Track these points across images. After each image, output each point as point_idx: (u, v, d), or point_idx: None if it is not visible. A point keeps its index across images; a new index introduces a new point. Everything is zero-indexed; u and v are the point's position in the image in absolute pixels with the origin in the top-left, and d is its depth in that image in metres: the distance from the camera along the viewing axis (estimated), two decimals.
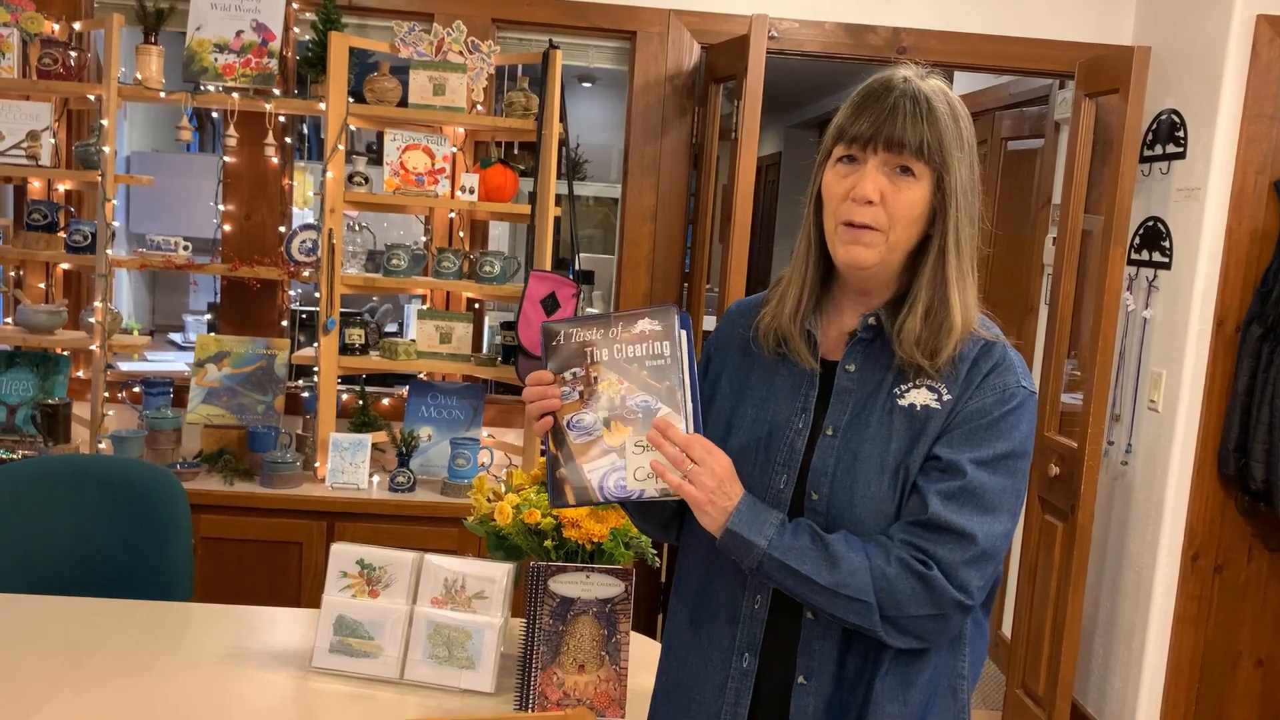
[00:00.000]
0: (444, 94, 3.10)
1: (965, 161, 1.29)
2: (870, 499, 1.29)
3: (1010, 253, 4.35)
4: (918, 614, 1.25)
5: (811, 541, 1.27)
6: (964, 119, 1.31)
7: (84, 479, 2.27)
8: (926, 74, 1.32)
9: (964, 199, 1.29)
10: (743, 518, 1.27)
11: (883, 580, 1.24)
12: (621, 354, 1.33)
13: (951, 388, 1.30)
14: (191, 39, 3.09)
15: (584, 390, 1.32)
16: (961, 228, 1.29)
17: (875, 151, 1.27)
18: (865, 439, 1.31)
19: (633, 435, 1.30)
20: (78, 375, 3.35)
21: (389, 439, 3.22)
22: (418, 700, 1.77)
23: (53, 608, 2.02)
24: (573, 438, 1.31)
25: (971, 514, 1.25)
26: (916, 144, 1.26)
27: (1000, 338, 1.34)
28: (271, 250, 3.36)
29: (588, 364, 1.32)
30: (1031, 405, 1.31)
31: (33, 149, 3.07)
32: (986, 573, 1.27)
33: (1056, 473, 3.26)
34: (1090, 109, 3.24)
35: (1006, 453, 1.28)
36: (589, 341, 1.33)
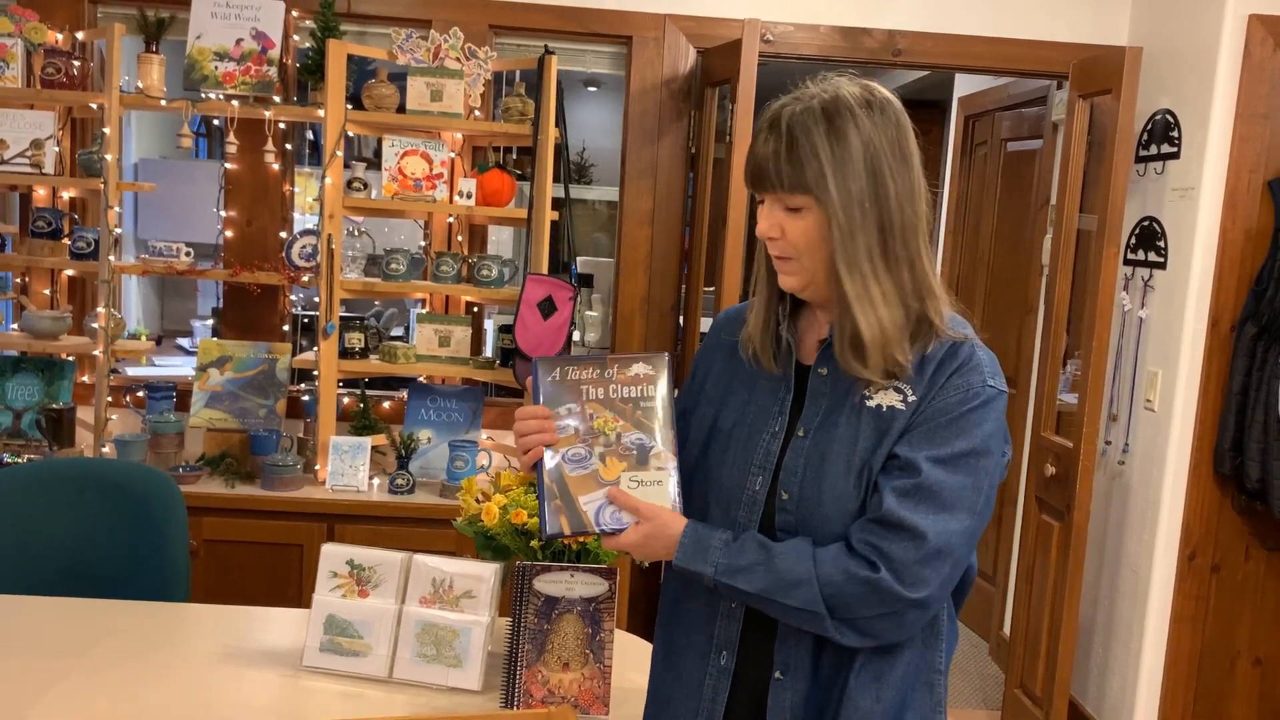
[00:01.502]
0: (441, 100, 3.13)
1: (854, 174, 1.27)
2: (837, 498, 1.32)
3: (1010, 253, 4.36)
4: (870, 614, 1.28)
5: (757, 556, 1.31)
6: (854, 129, 1.27)
7: (82, 482, 2.31)
8: (823, 88, 1.30)
9: (851, 215, 1.27)
10: (686, 551, 1.33)
11: (830, 587, 1.27)
12: (616, 394, 1.41)
13: (916, 388, 1.31)
14: (192, 47, 3.13)
15: (579, 426, 1.38)
16: (851, 246, 1.28)
17: (762, 192, 1.32)
18: (833, 439, 1.33)
19: (627, 471, 1.37)
20: (82, 380, 3.40)
21: (389, 442, 3.26)
22: (406, 698, 1.79)
23: (50, 608, 2.05)
24: (569, 470, 1.37)
25: (926, 512, 1.26)
26: (779, 182, 1.29)
27: (970, 338, 1.35)
28: (273, 255, 3.40)
29: (583, 400, 1.39)
30: (998, 404, 1.32)
31: (37, 157, 3.12)
32: (942, 571, 1.28)
33: (1053, 472, 3.27)
34: (1084, 110, 3.25)
35: (966, 451, 1.28)
36: (584, 380, 1.40)
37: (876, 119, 1.28)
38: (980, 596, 4.51)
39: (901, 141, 1.29)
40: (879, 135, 1.27)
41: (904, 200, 1.29)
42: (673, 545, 1.34)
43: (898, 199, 1.28)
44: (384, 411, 3.48)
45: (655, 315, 3.55)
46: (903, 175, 1.29)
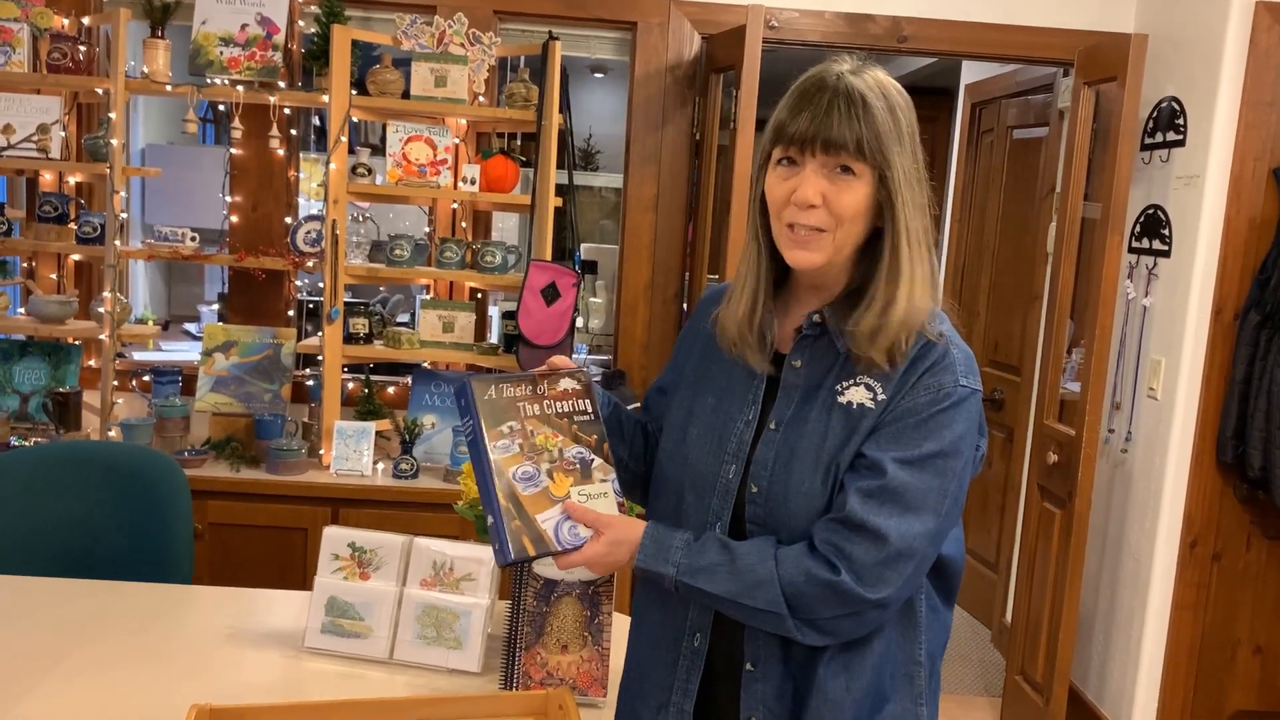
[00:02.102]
0: (445, 85, 3.14)
1: (906, 154, 1.27)
2: (804, 494, 1.31)
3: (1015, 241, 4.35)
4: (830, 615, 1.28)
5: (719, 557, 1.31)
6: (903, 110, 1.28)
7: (88, 465, 2.32)
8: (862, 66, 1.30)
9: (909, 192, 1.27)
10: (647, 552, 1.33)
11: (791, 588, 1.27)
12: (551, 409, 1.39)
13: (887, 387, 1.30)
14: (197, 33, 3.14)
15: (523, 443, 1.36)
16: (911, 220, 1.28)
17: (813, 154, 1.26)
18: (803, 435, 1.33)
19: (574, 485, 1.37)
20: (89, 364, 3.42)
21: (393, 427, 3.27)
22: (406, 679, 1.81)
23: (56, 589, 2.08)
24: (521, 490, 1.33)
25: (890, 514, 1.26)
26: (854, 143, 1.25)
27: (945, 335, 1.32)
28: (278, 241, 3.41)
29: (522, 418, 1.37)
30: (970, 404, 1.31)
31: (43, 142, 3.13)
32: (904, 572, 1.27)
33: (1055, 460, 3.27)
34: (1089, 97, 3.24)
35: (934, 452, 1.27)
36: (520, 397, 1.38)
37: (909, 109, 1.30)
38: (983, 584, 4.52)
39: (917, 133, 1.30)
40: (912, 120, 1.29)
41: (922, 190, 1.30)
42: (634, 549, 1.33)
43: (923, 187, 1.30)
44: (388, 397, 3.50)
45: (659, 302, 3.56)
46: (921, 164, 1.30)
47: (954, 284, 5.08)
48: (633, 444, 1.55)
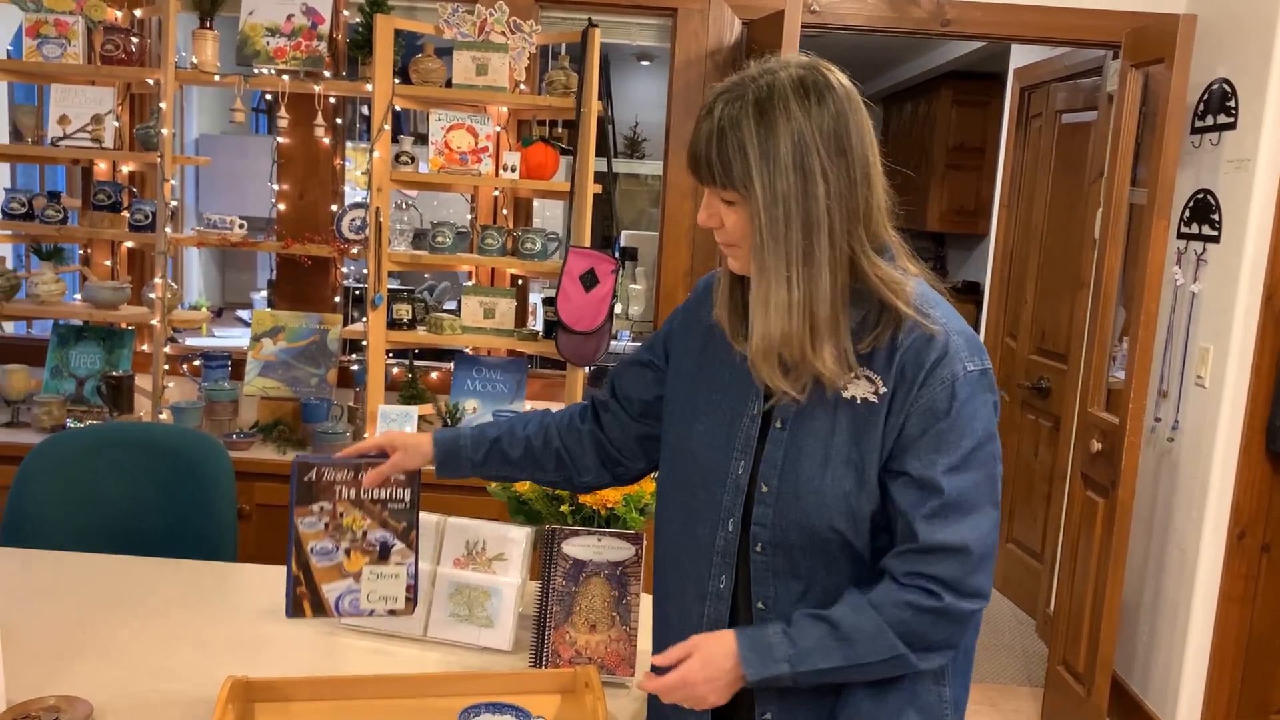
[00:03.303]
0: (487, 74, 3.17)
1: (782, 171, 1.22)
2: (814, 492, 1.32)
3: (1062, 227, 4.29)
4: (944, 635, 1.31)
5: (820, 630, 1.30)
6: (788, 122, 1.22)
7: (135, 446, 2.39)
8: (752, 79, 1.26)
9: (774, 216, 1.24)
10: (751, 663, 1.30)
11: (902, 628, 1.28)
12: (367, 495, 1.59)
13: (886, 379, 1.30)
14: (244, 23, 3.20)
15: (329, 522, 1.55)
16: (770, 247, 1.25)
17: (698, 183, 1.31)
18: (809, 433, 1.33)
19: (369, 565, 1.55)
20: (142, 349, 3.50)
21: (435, 411, 3.32)
22: (439, 656, 1.85)
23: (104, 565, 2.15)
24: (315, 561, 1.53)
25: (959, 525, 1.27)
26: (711, 177, 1.27)
27: (941, 322, 1.30)
28: (323, 228, 3.47)
29: (335, 500, 1.57)
30: (984, 384, 1.30)
31: (97, 132, 3.22)
32: (990, 567, 1.30)
33: (1099, 449, 3.23)
34: (1137, 80, 3.19)
35: (974, 447, 1.28)
36: (339, 481, 1.58)
37: (812, 109, 1.23)
38: (1027, 573, 4.48)
39: (840, 131, 1.24)
40: (811, 127, 1.23)
41: (839, 195, 1.25)
42: (732, 658, 1.31)
43: (829, 195, 1.24)
44: (431, 382, 3.55)
45: None
46: (837, 169, 1.24)
47: (1002, 270, 5.02)
48: (561, 461, 1.63)
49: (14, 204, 3.28)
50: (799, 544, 1.34)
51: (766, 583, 1.37)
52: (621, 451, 1.62)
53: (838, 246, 1.26)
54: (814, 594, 1.35)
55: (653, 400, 1.57)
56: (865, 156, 1.27)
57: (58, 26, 3.16)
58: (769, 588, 1.37)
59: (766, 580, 1.37)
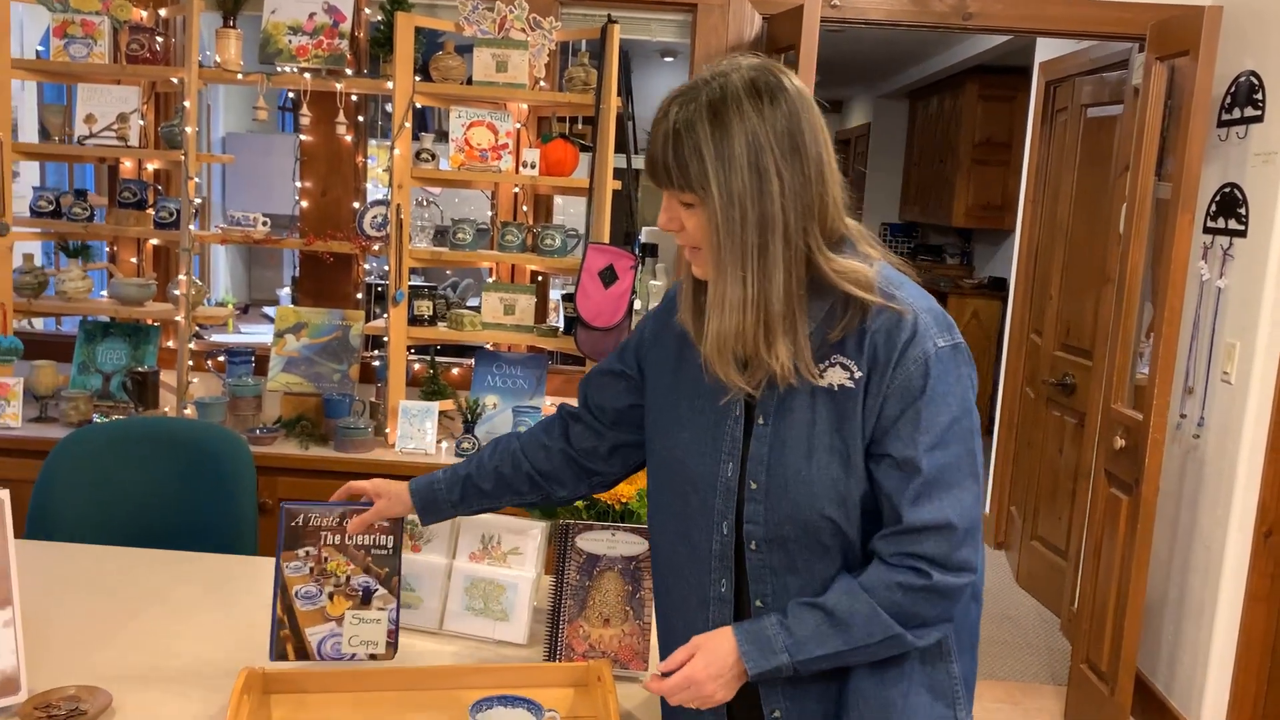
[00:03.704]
0: (507, 71, 3.18)
1: (737, 171, 1.25)
2: (801, 482, 1.33)
3: (1088, 222, 4.25)
4: (937, 611, 1.32)
5: (815, 618, 1.32)
6: (741, 122, 1.24)
7: (157, 441, 2.42)
8: (706, 82, 1.27)
9: (730, 215, 1.26)
10: (752, 658, 1.33)
11: (895, 609, 1.30)
12: (352, 541, 1.64)
13: (860, 363, 1.31)
14: (267, 22, 3.22)
15: (314, 566, 1.60)
16: (728, 246, 1.27)
17: (656, 188, 1.32)
18: (791, 424, 1.34)
19: (351, 609, 1.59)
20: (167, 345, 3.54)
21: (456, 407, 3.34)
22: (455, 649, 1.86)
23: (126, 557, 2.18)
24: (299, 605, 1.57)
25: (942, 501, 1.28)
26: (668, 179, 1.29)
27: (908, 302, 1.31)
28: (346, 225, 3.49)
29: (320, 545, 1.62)
30: (957, 359, 1.31)
31: (122, 130, 3.25)
32: (976, 541, 1.31)
33: (1122, 445, 3.20)
34: (1161, 73, 3.15)
35: (951, 421, 1.29)
36: (325, 526, 1.63)
37: (765, 110, 1.25)
38: (1052, 571, 4.45)
39: (794, 131, 1.26)
40: (765, 128, 1.25)
41: (794, 193, 1.26)
42: (733, 654, 1.33)
43: (784, 194, 1.26)
44: (452, 378, 3.56)
45: None
46: (792, 168, 1.26)
47: (1027, 266, 4.99)
48: (534, 482, 1.65)
49: (42, 202, 3.33)
50: (793, 537, 1.35)
51: (764, 581, 1.38)
52: (595, 461, 1.64)
53: (792, 244, 1.28)
54: (811, 587, 1.36)
55: (625, 409, 1.59)
56: (819, 155, 1.28)
57: (84, 27, 3.20)
58: (766, 585, 1.38)
59: (764, 578, 1.38)
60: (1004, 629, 4.27)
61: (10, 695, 1.54)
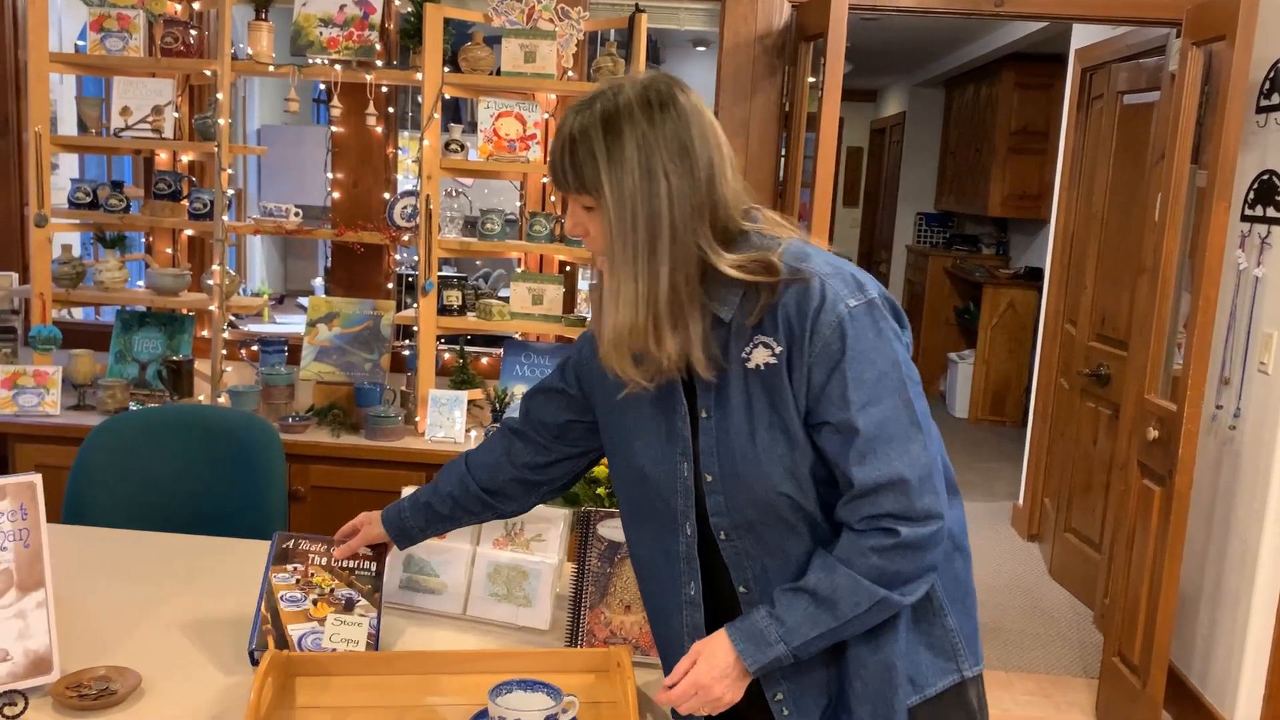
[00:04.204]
0: (535, 61, 3.19)
1: (629, 172, 1.30)
2: (752, 465, 1.36)
3: (1124, 211, 4.20)
4: (916, 565, 1.33)
5: (802, 602, 1.34)
6: (629, 131, 1.30)
7: (189, 428, 2.46)
8: (602, 92, 1.34)
9: (622, 215, 1.31)
10: (749, 654, 1.36)
11: (874, 573, 1.31)
12: (337, 564, 1.79)
13: (778, 338, 1.34)
14: (298, 14, 3.25)
15: (299, 579, 1.75)
16: (619, 245, 1.32)
17: (560, 193, 1.40)
18: (730, 411, 1.38)
19: (334, 613, 1.71)
20: (202, 334, 3.59)
21: (484, 396, 3.36)
22: (477, 634, 1.88)
23: (157, 542, 2.22)
24: (283, 606, 1.71)
25: (888, 456, 1.30)
26: (566, 183, 1.35)
27: (814, 270, 1.33)
28: (376, 216, 3.52)
29: (308, 565, 1.78)
30: (873, 315, 1.33)
31: (157, 123, 3.30)
32: (937, 485, 1.32)
33: (1155, 436, 3.16)
34: (1198, 58, 3.10)
35: (878, 378, 1.31)
36: (312, 550, 1.80)
37: (655, 117, 1.31)
38: (1085, 563, 4.40)
39: (683, 137, 1.31)
40: (655, 133, 1.30)
41: (682, 195, 1.30)
42: (731, 653, 1.36)
43: (671, 195, 1.30)
44: (482, 367, 3.59)
45: None
46: (681, 170, 1.30)
47: (1062, 256, 4.93)
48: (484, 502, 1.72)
49: (79, 194, 3.38)
50: (758, 520, 1.38)
51: (742, 567, 1.42)
52: (540, 473, 1.70)
53: (680, 242, 1.31)
54: (789, 567, 1.39)
55: (565, 424, 1.65)
56: (709, 157, 1.32)
57: (120, 20, 3.25)
58: (746, 572, 1.42)
59: (741, 565, 1.42)
60: (1036, 621, 4.24)
61: (43, 675, 1.58)
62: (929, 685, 1.43)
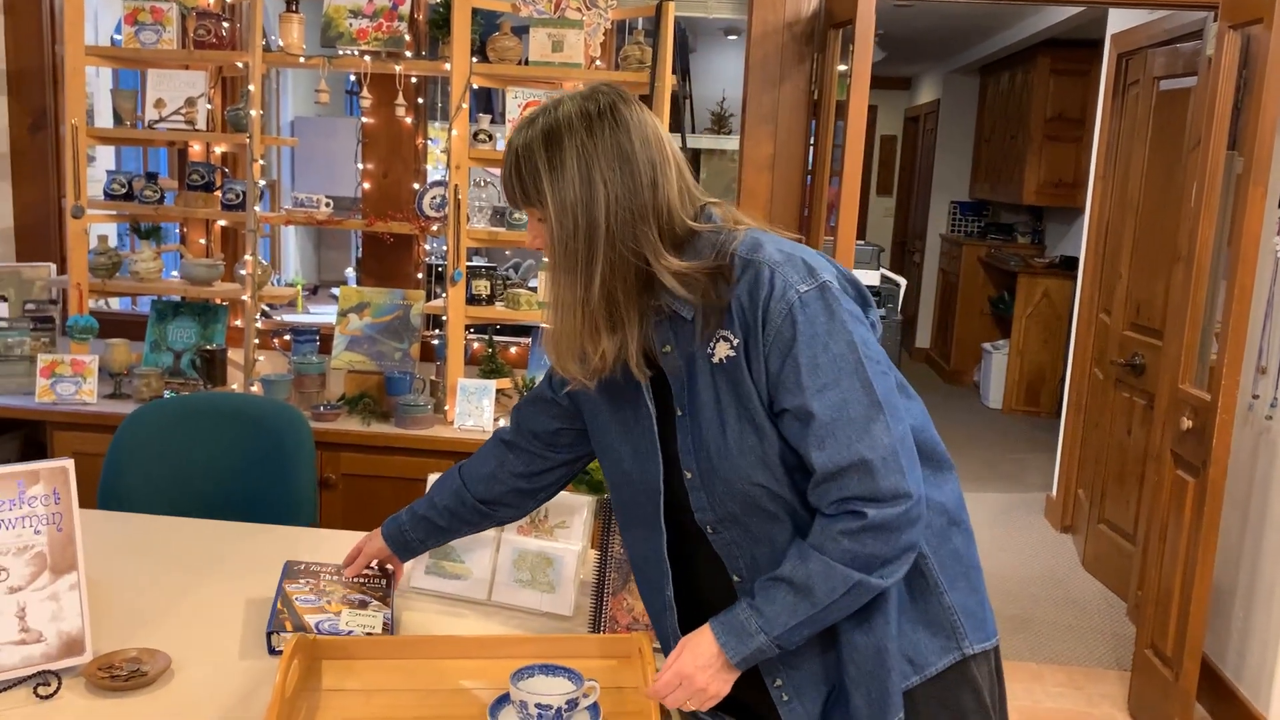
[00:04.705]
0: (562, 50, 3.19)
1: (569, 183, 1.33)
2: (725, 458, 1.38)
3: (1159, 198, 4.14)
4: (890, 546, 1.32)
5: (783, 592, 1.35)
6: (570, 144, 1.33)
7: (220, 416, 2.50)
8: (544, 110, 1.38)
9: (564, 223, 1.34)
10: (730, 646, 1.37)
11: (847, 556, 1.31)
12: (350, 584, 1.86)
13: (735, 329, 1.35)
14: (328, 6, 3.27)
15: (313, 587, 1.83)
16: (558, 252, 1.35)
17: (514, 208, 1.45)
18: (701, 407, 1.40)
19: (348, 610, 1.77)
20: (235, 324, 3.64)
21: (512, 385, 3.38)
22: (502, 620, 1.89)
23: (188, 528, 2.25)
24: (298, 603, 1.78)
25: (848, 440, 1.30)
26: (515, 197, 1.41)
27: (764, 259, 1.34)
28: (406, 206, 3.54)
29: (320, 581, 1.85)
30: (825, 299, 1.32)
31: (190, 115, 3.34)
32: (903, 463, 1.31)
33: (1189, 426, 3.12)
34: (1235, 41, 3.05)
35: (833, 359, 1.31)
36: (324, 571, 1.89)
37: (595, 127, 1.34)
38: (1119, 555, 4.36)
39: (622, 142, 1.34)
40: (594, 143, 1.34)
41: (620, 200, 1.33)
42: (714, 644, 1.37)
43: (610, 201, 1.33)
44: (510, 356, 3.60)
45: None
46: (621, 175, 1.33)
47: (1097, 244, 4.88)
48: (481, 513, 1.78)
49: (115, 185, 3.43)
50: (740, 511, 1.39)
51: (733, 556, 1.43)
52: (534, 480, 1.75)
53: (617, 248, 1.34)
54: (779, 552, 1.40)
55: (555, 432, 1.69)
56: (650, 160, 1.35)
57: (154, 14, 3.29)
58: (737, 560, 1.43)
59: (732, 554, 1.43)
60: (1068, 613, 4.20)
61: (76, 655, 1.61)
62: (928, 665, 1.43)
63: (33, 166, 3.68)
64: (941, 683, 1.44)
